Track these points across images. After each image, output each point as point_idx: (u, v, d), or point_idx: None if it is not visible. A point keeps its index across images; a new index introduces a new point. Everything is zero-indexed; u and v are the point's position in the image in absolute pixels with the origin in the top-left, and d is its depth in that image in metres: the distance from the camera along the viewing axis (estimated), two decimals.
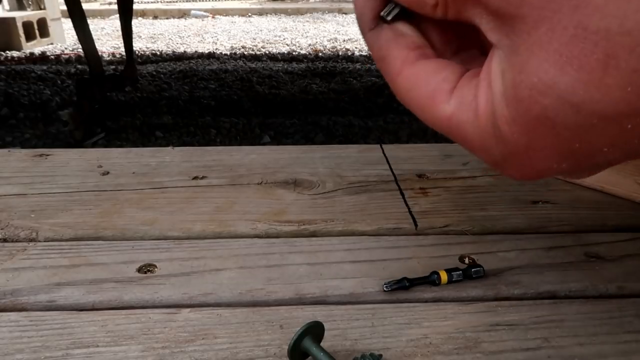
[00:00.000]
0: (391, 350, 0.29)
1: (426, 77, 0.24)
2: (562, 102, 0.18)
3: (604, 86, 0.17)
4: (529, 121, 0.20)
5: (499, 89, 0.21)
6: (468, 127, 0.22)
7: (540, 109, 0.19)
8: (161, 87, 2.29)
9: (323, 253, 0.38)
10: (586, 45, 0.17)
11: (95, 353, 0.29)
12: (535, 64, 0.19)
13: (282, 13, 5.42)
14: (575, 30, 0.17)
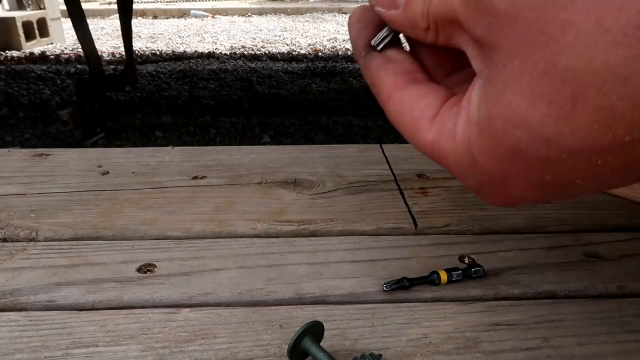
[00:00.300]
0: (391, 350, 0.29)
1: (411, 103, 0.25)
2: (533, 135, 0.19)
3: (573, 122, 0.18)
4: (502, 153, 0.20)
5: (475, 119, 0.21)
6: (449, 154, 0.23)
7: (513, 142, 0.20)
8: (161, 87, 2.29)
9: (323, 253, 0.38)
10: (556, 82, 0.18)
11: (95, 353, 0.29)
12: (509, 97, 0.19)
13: (282, 13, 5.42)
14: (546, 66, 0.18)
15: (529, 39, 0.18)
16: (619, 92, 0.17)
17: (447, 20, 0.22)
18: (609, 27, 0.16)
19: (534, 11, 0.18)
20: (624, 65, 0.16)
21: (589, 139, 0.18)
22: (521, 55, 0.19)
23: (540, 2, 0.18)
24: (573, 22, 0.17)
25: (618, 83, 0.17)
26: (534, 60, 0.18)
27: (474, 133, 0.21)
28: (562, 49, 0.17)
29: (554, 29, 0.17)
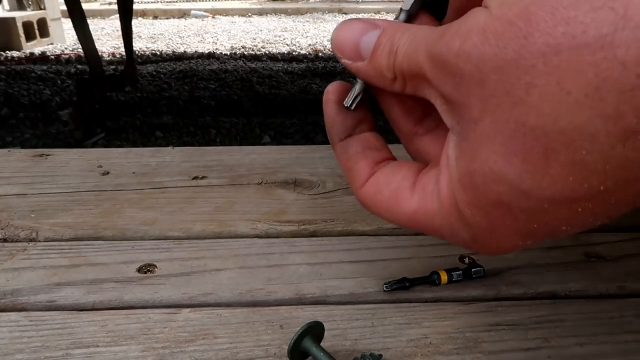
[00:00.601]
0: (391, 350, 0.29)
1: (386, 179, 0.25)
2: (513, 189, 0.20)
3: (548, 176, 0.19)
4: (487, 205, 0.21)
5: (455, 175, 0.22)
6: (434, 215, 0.23)
7: (495, 195, 0.20)
8: (161, 87, 2.29)
9: (323, 253, 0.38)
10: (527, 140, 0.19)
11: (95, 353, 0.29)
12: (485, 154, 0.20)
13: (282, 13, 5.42)
14: (516, 125, 0.19)
15: (497, 99, 0.19)
16: (587, 148, 0.17)
17: (414, 74, 0.23)
18: (570, 89, 0.17)
19: (498, 74, 0.19)
20: (588, 123, 0.17)
21: (566, 190, 0.19)
22: (490, 114, 0.19)
23: (502, 66, 0.18)
24: (536, 85, 0.18)
25: (585, 140, 0.17)
26: (503, 119, 0.19)
27: (457, 188, 0.22)
28: (529, 110, 0.18)
29: (519, 90, 0.18)
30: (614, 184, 0.18)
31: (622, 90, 0.16)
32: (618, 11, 0.16)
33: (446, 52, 0.20)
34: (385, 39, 0.24)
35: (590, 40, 0.16)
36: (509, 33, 0.18)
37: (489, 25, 0.19)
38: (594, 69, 0.16)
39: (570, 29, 0.17)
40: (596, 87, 0.17)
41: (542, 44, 0.17)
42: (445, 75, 0.21)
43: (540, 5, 0.18)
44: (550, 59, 0.17)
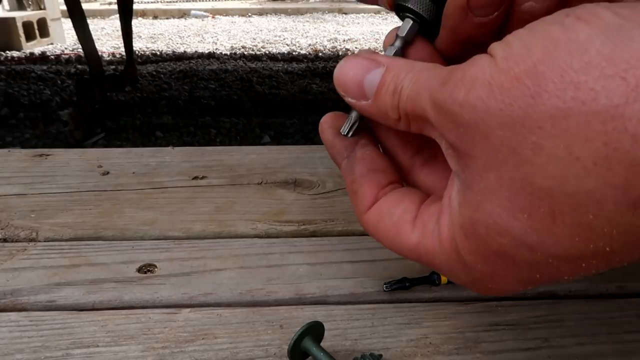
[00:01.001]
0: (391, 350, 0.29)
1: (389, 210, 0.25)
2: (517, 243, 0.19)
3: (554, 234, 0.18)
4: (489, 254, 0.21)
5: (458, 221, 0.22)
6: (435, 254, 0.23)
7: (498, 246, 0.20)
8: (161, 87, 2.29)
9: (323, 253, 0.38)
10: (533, 199, 0.18)
11: (95, 353, 0.29)
12: (489, 207, 0.20)
13: (282, 13, 5.42)
14: (522, 184, 0.18)
15: (502, 155, 0.19)
16: (595, 213, 0.17)
17: (418, 116, 0.22)
18: (578, 155, 0.17)
19: (504, 130, 0.18)
20: (597, 190, 0.17)
21: (571, 249, 0.18)
22: (496, 170, 0.19)
23: (509, 123, 0.18)
24: (543, 146, 0.17)
25: (593, 206, 0.17)
26: (509, 176, 0.19)
27: (459, 234, 0.22)
28: (536, 170, 0.18)
29: (526, 150, 0.18)
30: (621, 246, 0.18)
31: (633, 164, 0.16)
32: (630, 82, 0.16)
33: (450, 101, 0.20)
34: (389, 78, 0.24)
35: (600, 109, 0.16)
36: (516, 90, 0.18)
37: (495, 78, 0.19)
38: (604, 138, 0.16)
39: (580, 95, 0.16)
40: (605, 156, 0.16)
41: (551, 106, 0.17)
42: (450, 124, 0.20)
43: (549, 65, 0.17)
44: (558, 122, 0.17)
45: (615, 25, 0.17)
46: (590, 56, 0.17)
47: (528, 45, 0.18)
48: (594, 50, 0.17)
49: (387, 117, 0.24)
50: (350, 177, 0.27)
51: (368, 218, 0.26)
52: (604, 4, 0.18)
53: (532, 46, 0.18)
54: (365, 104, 0.24)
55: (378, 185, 0.26)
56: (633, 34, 0.16)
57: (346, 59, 0.25)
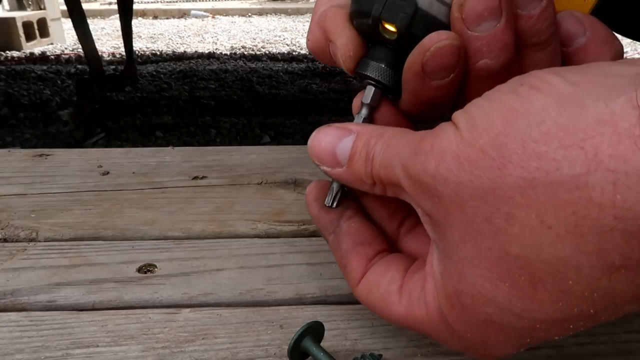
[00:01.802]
0: (391, 350, 0.29)
1: (376, 282, 0.26)
2: (503, 311, 0.20)
3: (538, 301, 0.19)
4: (477, 324, 0.21)
5: (442, 291, 0.22)
6: (424, 322, 0.24)
7: (485, 315, 0.20)
8: (161, 87, 2.29)
9: (323, 253, 0.38)
10: (512, 267, 0.18)
11: (95, 353, 0.29)
12: (471, 277, 0.20)
13: (282, 13, 5.42)
14: (500, 253, 0.19)
15: (477, 226, 0.19)
16: (574, 279, 0.17)
17: (392, 183, 0.23)
18: (550, 224, 0.17)
19: (476, 201, 0.19)
20: (572, 257, 0.17)
21: (556, 313, 0.19)
22: (472, 239, 0.19)
23: (480, 194, 0.18)
24: (516, 216, 0.18)
25: (570, 271, 0.17)
26: (486, 246, 0.19)
27: (445, 305, 0.22)
28: (511, 239, 0.18)
29: (499, 220, 0.18)
30: (604, 308, 0.18)
31: (602, 231, 0.16)
32: (589, 152, 0.16)
33: (422, 172, 0.20)
34: (360, 145, 0.24)
35: (564, 179, 0.16)
36: (482, 162, 0.18)
37: (461, 151, 0.19)
38: (572, 206, 0.16)
39: (544, 165, 0.17)
40: (575, 224, 0.16)
41: (517, 176, 0.17)
42: (424, 194, 0.21)
43: (509, 136, 0.18)
44: (527, 192, 0.17)
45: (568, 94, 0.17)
46: (548, 126, 0.17)
47: (488, 116, 0.19)
48: (551, 120, 0.17)
49: (362, 183, 0.24)
50: (339, 253, 0.27)
51: (359, 292, 0.26)
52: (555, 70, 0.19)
53: (492, 117, 0.19)
54: (340, 171, 0.25)
55: (366, 258, 0.26)
56: (586, 103, 0.17)
57: (318, 130, 0.26)
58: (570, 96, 0.17)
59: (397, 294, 0.25)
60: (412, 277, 0.24)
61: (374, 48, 0.28)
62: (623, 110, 0.16)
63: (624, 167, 0.15)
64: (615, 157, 0.15)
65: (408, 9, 0.24)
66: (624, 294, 0.17)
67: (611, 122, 0.16)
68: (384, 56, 0.27)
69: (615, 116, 0.16)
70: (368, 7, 0.26)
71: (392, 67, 0.27)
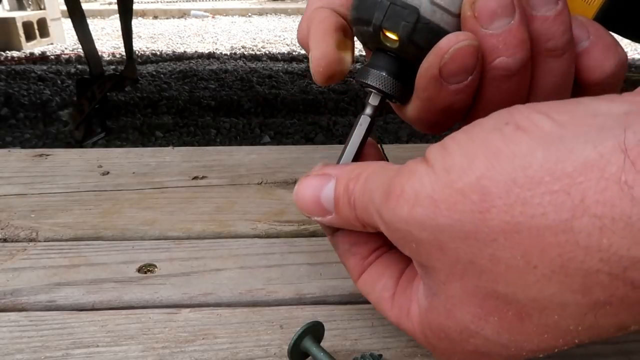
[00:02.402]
0: (391, 350, 0.29)
1: (372, 285, 0.26)
2: (491, 343, 0.20)
3: (524, 333, 0.19)
4: (465, 353, 0.21)
5: (427, 324, 0.22)
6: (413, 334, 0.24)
7: (473, 347, 0.21)
8: (161, 87, 2.29)
9: (323, 253, 0.38)
10: (499, 304, 0.19)
11: (95, 353, 0.29)
12: (459, 314, 0.20)
13: (282, 13, 5.42)
14: (486, 291, 0.19)
15: (461, 266, 0.19)
16: (559, 314, 0.18)
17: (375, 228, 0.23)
18: (536, 264, 0.17)
19: (458, 243, 0.18)
20: (558, 295, 0.17)
21: (542, 344, 0.19)
22: (458, 279, 0.19)
23: (461, 237, 0.18)
24: (500, 258, 0.18)
25: (556, 308, 0.17)
26: (472, 284, 0.19)
27: (431, 336, 0.22)
28: (497, 278, 0.18)
29: (484, 260, 0.18)
30: (589, 338, 0.18)
31: (587, 273, 0.16)
32: (575, 197, 0.16)
33: (395, 219, 0.20)
34: (341, 191, 0.24)
35: (550, 223, 0.16)
36: (462, 205, 0.18)
37: (437, 193, 0.19)
38: (558, 249, 0.16)
39: (529, 210, 0.17)
40: (561, 265, 0.17)
41: (501, 221, 0.17)
42: (400, 240, 0.21)
43: (493, 180, 0.17)
44: (511, 236, 0.17)
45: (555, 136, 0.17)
46: (534, 171, 0.17)
47: (469, 156, 0.18)
48: (537, 164, 0.17)
49: (353, 226, 0.24)
50: (338, 252, 0.28)
51: (360, 288, 0.27)
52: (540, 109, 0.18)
53: (473, 157, 0.18)
54: (331, 218, 0.25)
55: (362, 257, 0.26)
56: (573, 146, 0.17)
57: (299, 182, 0.26)
58: (558, 139, 0.17)
59: (389, 302, 0.25)
60: (404, 291, 0.25)
61: (375, 55, 0.27)
62: (611, 154, 0.16)
63: (611, 213, 0.15)
64: (602, 203, 0.15)
65: (410, 18, 0.24)
66: (608, 326, 0.18)
67: (599, 166, 0.16)
68: (386, 64, 0.27)
69: (603, 160, 0.16)
70: (369, 15, 0.25)
71: (394, 75, 0.26)
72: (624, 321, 0.17)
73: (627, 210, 0.15)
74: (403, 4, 0.24)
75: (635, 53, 2.94)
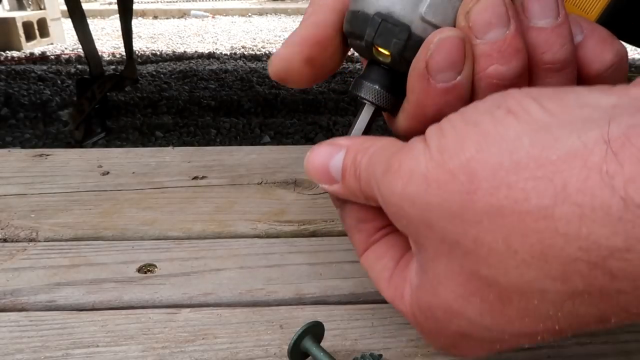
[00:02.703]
0: (391, 350, 0.29)
1: (372, 264, 0.26)
2: (474, 324, 0.20)
3: (506, 315, 0.19)
4: (450, 334, 0.22)
5: (416, 302, 0.23)
6: (406, 315, 0.24)
7: (456, 327, 0.21)
8: (161, 87, 2.29)
9: (323, 253, 0.38)
10: (481, 285, 0.19)
11: (95, 353, 0.29)
12: (444, 293, 0.21)
13: (282, 13, 5.42)
14: (470, 272, 0.19)
15: (448, 246, 0.19)
16: (539, 299, 0.18)
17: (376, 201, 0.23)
18: (516, 249, 0.17)
19: (445, 222, 0.19)
20: (537, 280, 0.17)
21: (523, 328, 0.19)
22: (445, 258, 0.20)
23: (448, 216, 0.19)
24: (484, 240, 0.18)
25: (535, 293, 0.18)
26: (457, 264, 0.19)
27: (419, 315, 0.23)
28: (479, 260, 0.18)
29: (468, 241, 0.18)
30: (568, 326, 0.18)
31: (566, 260, 0.16)
32: (557, 184, 0.16)
33: (390, 193, 0.21)
34: (349, 161, 0.24)
35: (532, 209, 0.17)
36: (451, 185, 0.18)
37: (430, 172, 0.19)
38: (538, 235, 0.17)
39: (513, 194, 0.17)
40: (541, 251, 0.17)
41: (486, 203, 0.18)
42: (394, 214, 0.21)
43: (481, 163, 0.18)
44: (494, 219, 0.17)
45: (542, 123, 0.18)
46: (520, 156, 0.17)
47: (461, 138, 0.19)
48: (523, 150, 0.17)
49: (357, 198, 0.25)
50: (345, 226, 0.28)
51: (363, 263, 0.27)
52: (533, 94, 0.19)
53: (464, 139, 0.19)
54: (337, 187, 0.25)
55: (367, 234, 0.27)
56: (558, 134, 0.17)
57: (312, 149, 0.26)
58: (545, 126, 0.17)
59: (386, 282, 0.25)
60: (401, 272, 0.25)
61: (369, 67, 0.27)
62: (594, 144, 0.16)
63: (591, 202, 0.16)
64: (583, 191, 0.16)
65: (401, 35, 0.24)
66: (588, 316, 0.18)
67: (582, 156, 0.16)
68: (378, 77, 0.27)
69: (587, 150, 0.16)
70: (361, 31, 0.26)
71: (387, 88, 0.27)
72: (604, 312, 0.17)
73: (607, 200, 0.15)
74: (395, 21, 0.24)
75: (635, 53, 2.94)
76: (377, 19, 0.25)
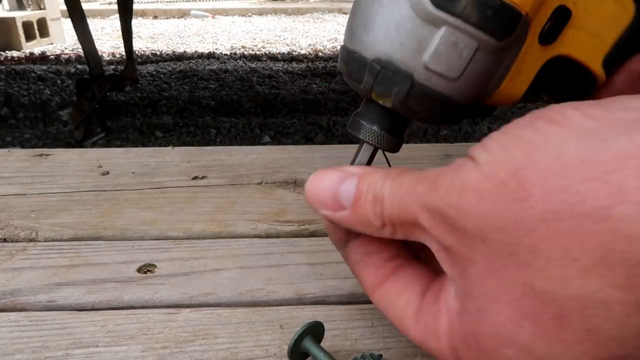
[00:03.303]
0: (391, 350, 0.29)
1: (393, 300, 0.25)
2: (525, 354, 0.19)
3: (563, 341, 0.18)
4: None
5: (458, 331, 0.21)
6: (438, 355, 0.23)
7: (504, 358, 0.19)
8: (161, 87, 2.29)
9: (323, 253, 0.38)
10: (536, 304, 0.18)
11: (95, 353, 0.29)
12: (492, 316, 0.19)
13: (282, 13, 5.42)
14: (524, 288, 0.18)
15: (502, 259, 0.18)
16: (602, 315, 0.17)
17: (406, 222, 0.22)
18: (576, 256, 0.16)
19: (499, 233, 0.18)
20: (600, 291, 0.16)
21: (583, 356, 0.18)
22: (497, 274, 0.19)
23: (502, 226, 0.18)
24: (541, 249, 0.17)
25: (598, 307, 0.16)
26: (509, 280, 0.18)
27: (460, 347, 0.21)
28: (537, 273, 0.17)
29: (524, 252, 0.18)
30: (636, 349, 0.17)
31: (631, 263, 0.16)
32: (613, 184, 0.16)
33: (444, 206, 0.20)
34: (365, 187, 0.24)
35: (590, 211, 0.16)
36: (504, 195, 0.18)
37: (481, 184, 0.19)
38: (598, 238, 0.16)
39: (567, 197, 0.16)
40: (602, 256, 0.16)
41: (540, 209, 0.17)
42: (446, 228, 0.20)
43: (531, 170, 0.17)
44: (551, 225, 0.17)
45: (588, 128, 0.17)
46: (569, 160, 0.17)
47: (508, 150, 0.19)
48: (571, 154, 0.17)
49: (369, 225, 0.24)
50: (349, 264, 0.27)
51: (376, 302, 0.26)
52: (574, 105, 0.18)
53: (511, 150, 0.18)
54: (343, 214, 0.24)
55: (375, 267, 0.26)
56: (606, 136, 0.17)
57: (316, 174, 0.25)
58: (590, 130, 0.17)
59: (413, 320, 0.24)
60: (430, 308, 0.23)
61: (366, 105, 0.26)
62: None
63: None
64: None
65: (403, 85, 0.23)
66: None
67: (635, 155, 0.16)
68: (377, 117, 0.26)
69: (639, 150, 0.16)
70: (358, 75, 0.24)
71: (386, 130, 0.26)
72: None
73: None
74: (395, 69, 0.23)
75: None
76: (376, 67, 0.23)
